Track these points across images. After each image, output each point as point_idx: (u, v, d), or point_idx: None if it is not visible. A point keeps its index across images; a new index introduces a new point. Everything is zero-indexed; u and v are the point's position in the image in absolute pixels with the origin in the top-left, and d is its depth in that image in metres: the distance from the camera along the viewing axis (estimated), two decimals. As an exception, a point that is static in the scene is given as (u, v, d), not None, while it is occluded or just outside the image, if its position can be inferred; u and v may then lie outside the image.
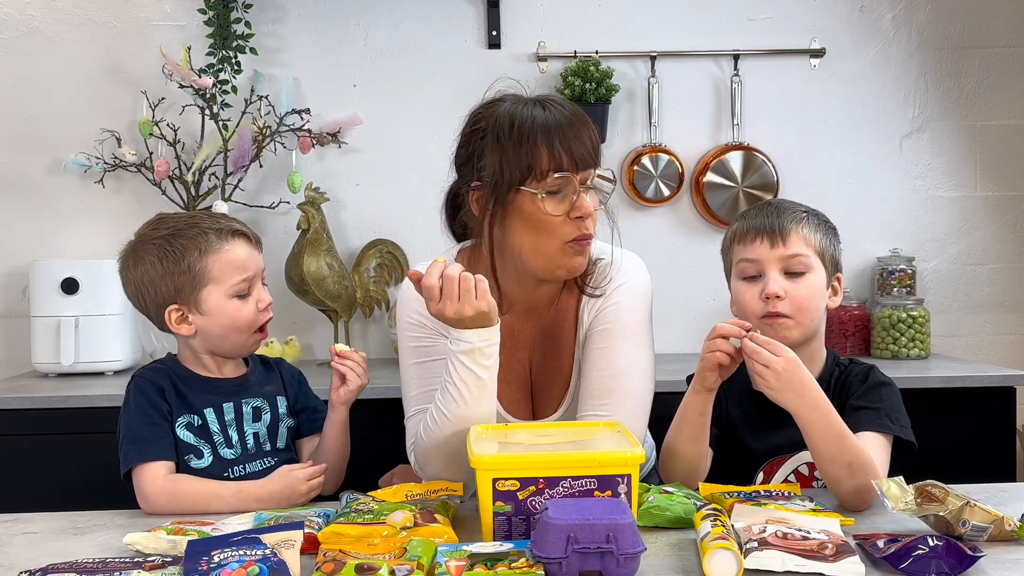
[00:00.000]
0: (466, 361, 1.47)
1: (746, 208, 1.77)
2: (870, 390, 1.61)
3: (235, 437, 1.62)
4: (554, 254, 1.57)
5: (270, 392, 1.69)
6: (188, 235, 1.60)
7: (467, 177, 1.61)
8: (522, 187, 1.53)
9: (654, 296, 1.70)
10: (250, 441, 1.63)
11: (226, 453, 1.61)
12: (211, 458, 1.59)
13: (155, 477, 1.52)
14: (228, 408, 1.63)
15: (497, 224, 1.58)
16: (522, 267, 1.60)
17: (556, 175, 1.52)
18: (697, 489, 1.47)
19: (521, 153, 1.52)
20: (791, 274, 1.61)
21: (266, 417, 1.66)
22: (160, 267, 1.59)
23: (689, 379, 1.62)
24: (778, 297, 1.59)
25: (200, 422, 1.60)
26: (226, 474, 1.59)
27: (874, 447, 1.51)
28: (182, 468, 1.57)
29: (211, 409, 1.61)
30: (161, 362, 1.68)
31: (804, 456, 1.61)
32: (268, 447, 1.66)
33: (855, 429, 1.50)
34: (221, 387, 1.65)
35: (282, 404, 1.70)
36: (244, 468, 1.62)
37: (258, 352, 1.73)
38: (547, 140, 1.52)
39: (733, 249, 1.67)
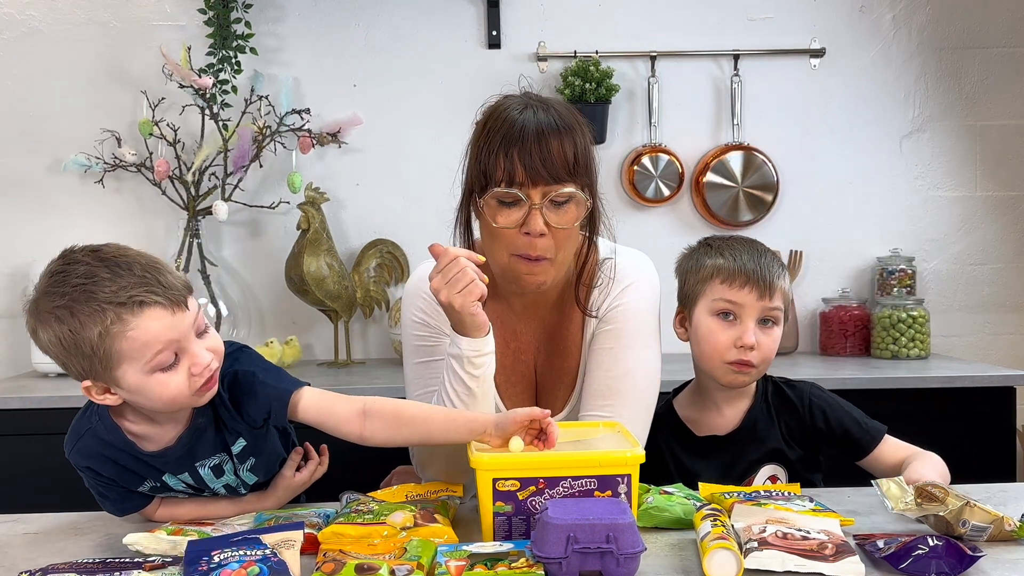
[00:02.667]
0: (456, 366, 1.46)
1: (720, 238, 1.74)
2: (833, 412, 1.69)
3: (206, 494, 1.49)
4: (505, 266, 1.55)
5: (223, 441, 1.44)
6: (85, 311, 1.29)
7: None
8: (480, 194, 1.53)
9: (655, 295, 1.70)
10: (221, 492, 1.49)
11: (208, 493, 1.50)
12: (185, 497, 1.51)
13: (149, 515, 1.48)
14: (185, 477, 1.44)
15: (475, 223, 1.60)
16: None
17: (507, 190, 1.50)
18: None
19: (483, 160, 1.52)
20: (762, 322, 1.66)
21: (228, 467, 1.46)
22: (61, 347, 1.32)
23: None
24: (752, 348, 1.64)
25: (161, 485, 1.45)
26: (205, 493, 1.51)
27: (895, 444, 1.65)
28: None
29: (169, 475, 1.44)
30: (90, 427, 1.42)
31: (765, 472, 1.69)
32: (243, 491, 1.51)
33: (878, 440, 1.65)
34: (169, 459, 1.42)
35: (238, 448, 1.45)
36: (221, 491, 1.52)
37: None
38: (506, 150, 1.49)
39: (711, 284, 1.67)
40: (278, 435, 1.55)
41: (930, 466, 1.55)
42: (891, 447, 1.66)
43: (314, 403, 1.43)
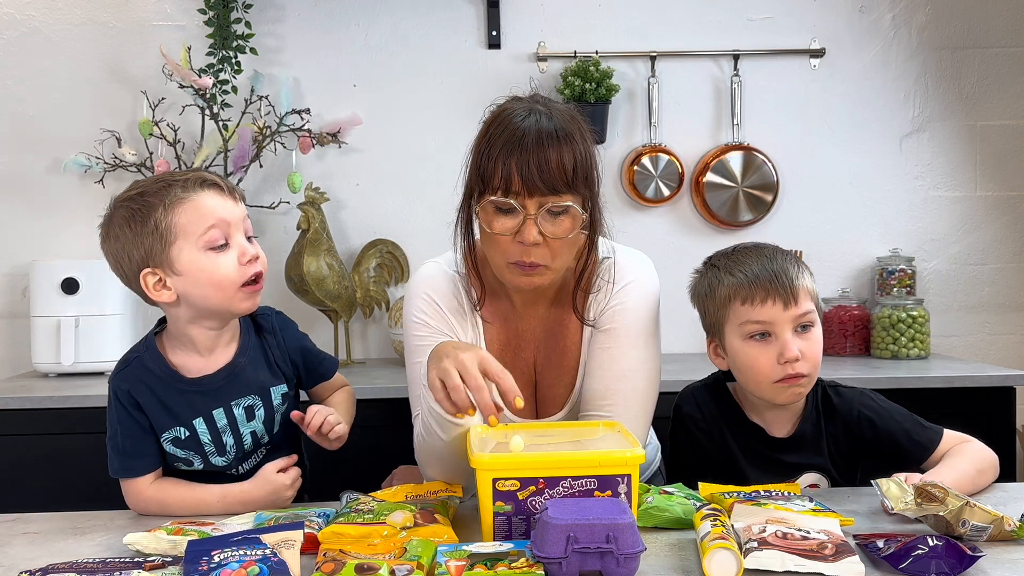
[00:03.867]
0: (432, 418, 1.45)
1: (724, 254, 1.65)
2: (883, 423, 1.62)
3: (230, 442, 1.55)
4: (501, 269, 1.56)
5: (263, 383, 1.58)
6: (153, 191, 1.48)
7: None
8: (477, 199, 1.54)
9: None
10: (247, 441, 1.57)
11: (217, 460, 1.56)
12: (201, 466, 1.56)
13: (141, 490, 1.51)
14: (219, 415, 1.54)
15: (474, 223, 1.60)
16: None
17: (503, 196, 1.49)
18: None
19: (483, 165, 1.51)
20: (800, 329, 1.57)
21: (260, 414, 1.57)
22: (129, 231, 1.47)
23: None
24: (798, 359, 1.55)
25: (189, 433, 1.53)
26: (218, 475, 1.56)
27: (946, 443, 1.60)
28: (174, 471, 1.56)
29: (200, 419, 1.53)
30: (138, 355, 1.55)
31: (807, 479, 1.64)
32: (265, 440, 1.59)
33: (931, 451, 1.59)
34: (208, 389, 1.53)
35: (277, 394, 1.59)
36: (238, 469, 1.59)
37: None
38: (504, 158, 1.48)
39: (732, 307, 1.58)
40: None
41: (965, 460, 1.54)
42: (945, 447, 1.60)
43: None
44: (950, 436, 1.62)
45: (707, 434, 1.65)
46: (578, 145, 1.51)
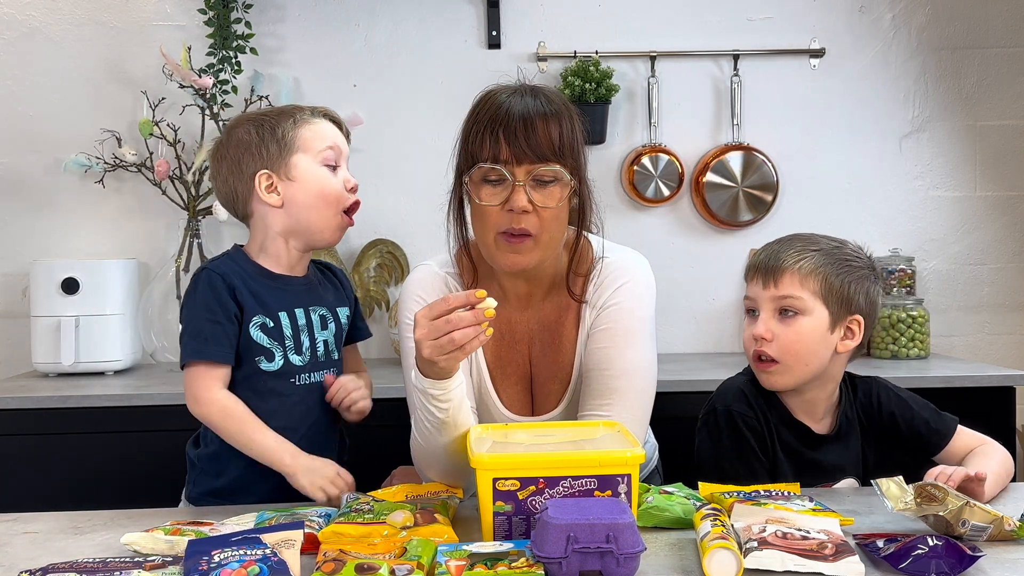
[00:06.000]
0: (423, 400, 1.44)
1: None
2: (902, 413, 1.64)
3: (306, 343, 1.66)
4: (490, 246, 1.57)
5: (332, 302, 1.74)
6: (279, 111, 1.69)
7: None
8: (466, 174, 1.55)
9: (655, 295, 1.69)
10: (320, 349, 1.68)
11: (295, 359, 1.64)
12: (282, 361, 1.63)
13: (212, 385, 1.57)
14: (300, 314, 1.66)
15: (466, 210, 1.61)
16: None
17: (491, 166, 1.52)
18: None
19: (471, 140, 1.54)
20: (783, 313, 1.60)
21: (331, 327, 1.71)
22: (255, 135, 1.64)
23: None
24: (764, 339, 1.59)
25: (274, 324, 1.62)
26: (292, 380, 1.64)
27: (964, 437, 1.63)
28: (251, 369, 1.61)
29: (284, 313, 1.64)
30: (230, 256, 1.69)
31: (848, 483, 1.64)
32: (336, 356, 1.72)
33: (949, 439, 1.62)
34: (291, 288, 1.67)
35: (343, 315, 1.74)
36: (310, 376, 1.66)
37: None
38: (492, 129, 1.52)
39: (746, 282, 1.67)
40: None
41: (995, 462, 1.55)
42: (961, 440, 1.62)
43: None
44: (965, 432, 1.64)
45: (758, 433, 1.62)
46: (565, 120, 1.55)
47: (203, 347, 1.58)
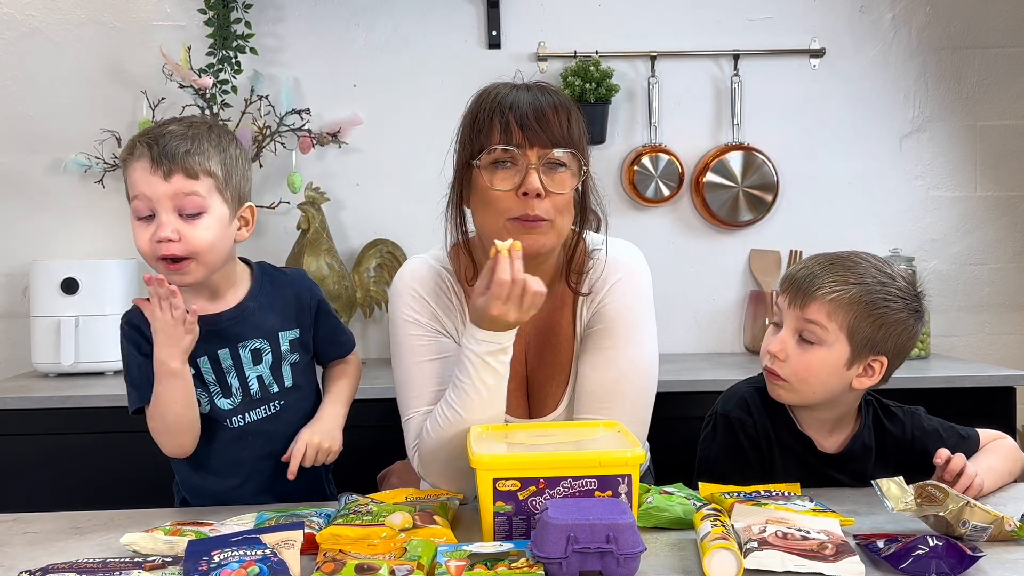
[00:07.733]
0: (491, 361, 1.45)
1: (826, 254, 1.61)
2: (935, 446, 1.55)
3: (235, 384, 1.56)
4: (499, 233, 1.52)
5: (273, 327, 1.59)
6: (139, 137, 1.50)
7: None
8: (474, 161, 1.53)
9: (654, 295, 1.68)
10: (254, 386, 1.57)
11: (222, 403, 1.56)
12: (208, 407, 1.56)
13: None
14: (224, 355, 1.55)
15: (465, 203, 1.60)
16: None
17: (504, 148, 1.50)
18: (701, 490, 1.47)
19: (478, 129, 1.53)
20: (803, 339, 1.55)
21: (267, 358, 1.58)
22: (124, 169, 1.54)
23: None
24: (775, 356, 1.55)
25: (193, 371, 1.52)
26: (225, 422, 1.57)
27: (986, 435, 1.64)
28: None
29: (205, 358, 1.54)
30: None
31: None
32: (275, 389, 1.59)
33: (974, 448, 1.60)
34: (211, 328, 1.53)
35: (285, 340, 1.60)
36: (245, 417, 1.58)
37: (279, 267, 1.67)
38: (501, 115, 1.51)
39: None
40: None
41: (997, 456, 1.55)
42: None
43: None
44: (983, 433, 1.64)
45: (754, 441, 1.60)
46: (573, 113, 1.55)
47: (145, 393, 1.52)
